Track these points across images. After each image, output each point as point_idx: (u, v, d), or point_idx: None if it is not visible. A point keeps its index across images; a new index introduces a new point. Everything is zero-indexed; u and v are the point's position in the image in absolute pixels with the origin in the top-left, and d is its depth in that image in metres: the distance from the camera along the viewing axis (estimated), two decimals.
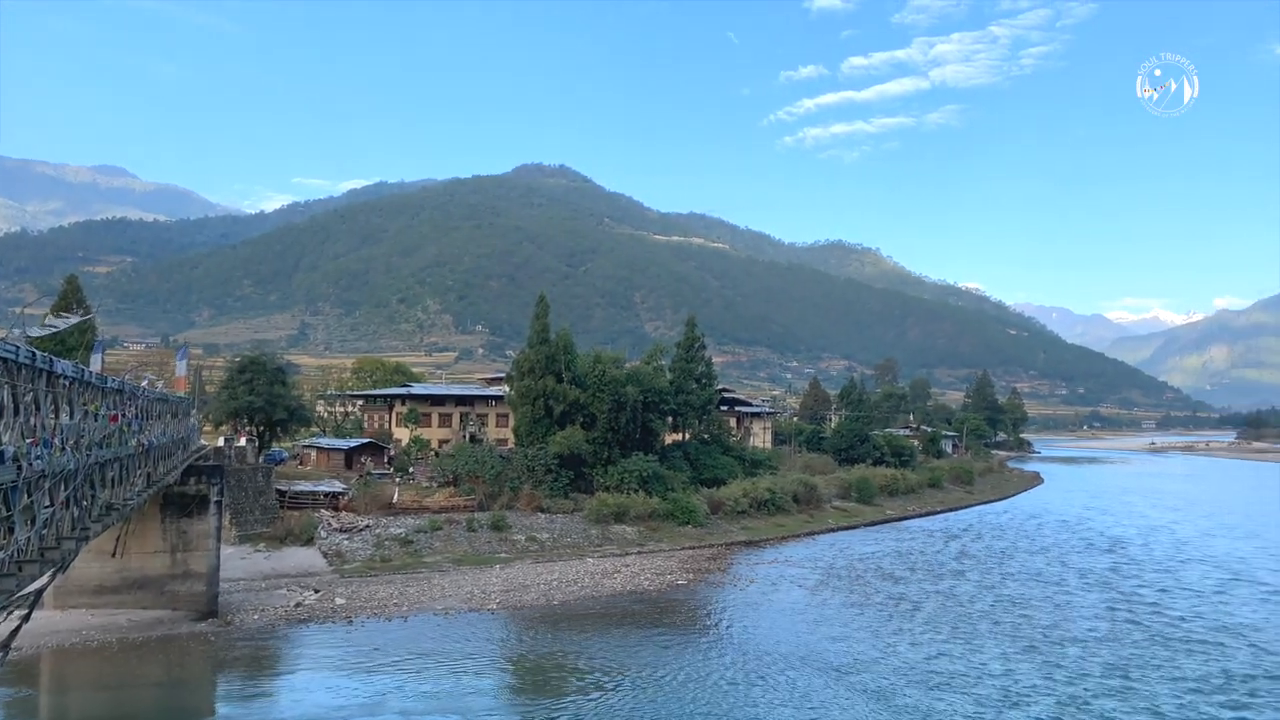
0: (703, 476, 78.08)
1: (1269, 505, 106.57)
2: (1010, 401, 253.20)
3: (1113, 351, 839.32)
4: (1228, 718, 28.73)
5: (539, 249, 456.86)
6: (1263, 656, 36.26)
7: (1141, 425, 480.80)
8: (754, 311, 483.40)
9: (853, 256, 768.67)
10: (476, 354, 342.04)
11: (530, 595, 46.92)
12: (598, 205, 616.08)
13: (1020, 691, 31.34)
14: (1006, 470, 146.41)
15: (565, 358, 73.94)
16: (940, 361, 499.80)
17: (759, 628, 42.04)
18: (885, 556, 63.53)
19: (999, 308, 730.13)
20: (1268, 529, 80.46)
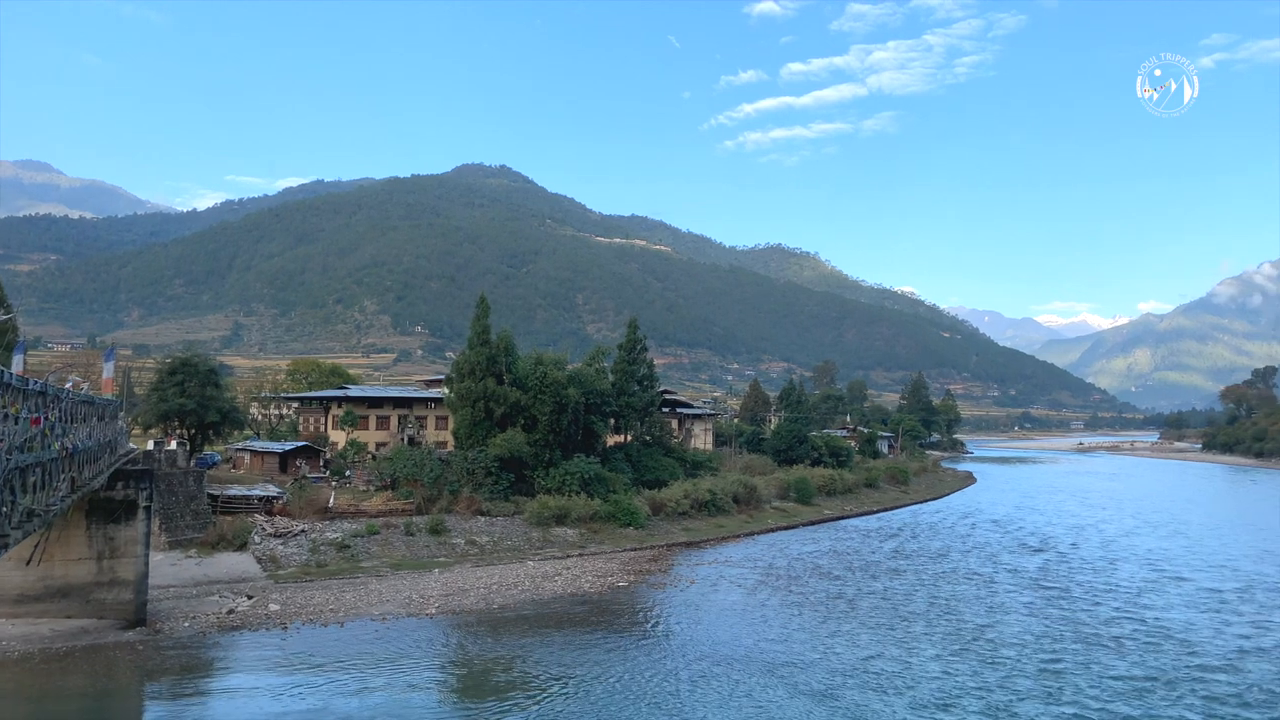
0: (644, 478, 78.25)
1: (1189, 503, 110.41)
2: (944, 403, 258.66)
3: (1042, 354, 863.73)
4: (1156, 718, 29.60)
5: (479, 250, 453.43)
6: (1188, 658, 37.44)
7: (1070, 426, 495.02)
8: (696, 314, 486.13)
9: (792, 260, 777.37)
10: (415, 355, 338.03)
11: (470, 599, 46.54)
12: (539, 206, 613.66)
13: (955, 692, 31.93)
14: (941, 470, 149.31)
15: (506, 359, 73.49)
16: (877, 363, 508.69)
17: (699, 628, 42.27)
18: (823, 556, 64.36)
19: (933, 311, 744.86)
20: (1189, 527, 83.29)
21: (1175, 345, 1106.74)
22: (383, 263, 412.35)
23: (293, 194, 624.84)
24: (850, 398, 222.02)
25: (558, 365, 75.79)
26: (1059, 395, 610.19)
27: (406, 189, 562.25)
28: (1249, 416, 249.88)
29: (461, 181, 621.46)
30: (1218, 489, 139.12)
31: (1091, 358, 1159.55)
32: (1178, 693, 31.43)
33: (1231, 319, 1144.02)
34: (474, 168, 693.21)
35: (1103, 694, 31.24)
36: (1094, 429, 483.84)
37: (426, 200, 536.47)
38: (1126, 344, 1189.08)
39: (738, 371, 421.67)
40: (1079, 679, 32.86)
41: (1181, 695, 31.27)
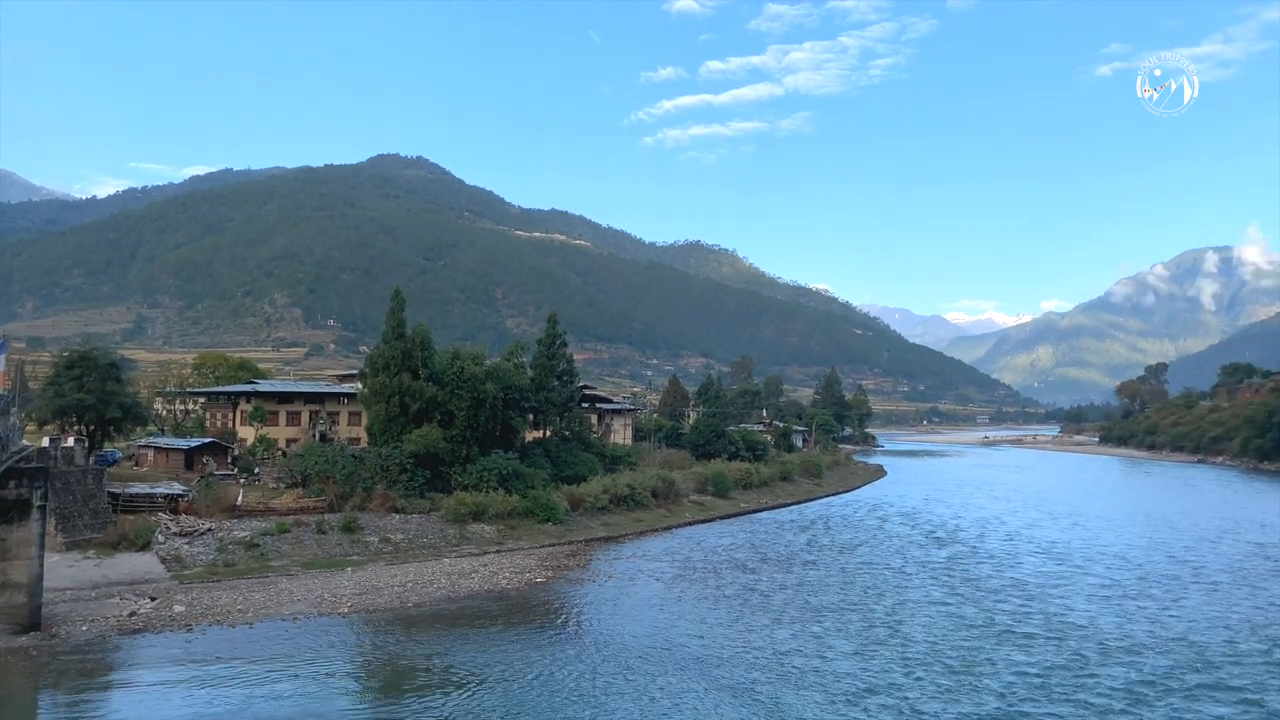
0: (563, 474, 78.11)
1: (1088, 495, 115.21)
2: (857, 398, 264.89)
3: (950, 350, 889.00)
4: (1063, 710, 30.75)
5: (395, 242, 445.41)
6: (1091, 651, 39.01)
7: (976, 420, 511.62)
8: (615, 309, 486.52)
9: (711, 257, 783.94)
10: (328, 350, 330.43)
11: (384, 598, 45.84)
12: (457, 199, 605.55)
13: (867, 688, 32.56)
14: (853, 464, 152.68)
15: (422, 354, 72.45)
16: (793, 359, 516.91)
17: (618, 623, 42.46)
18: (739, 549, 65.25)
19: (847, 308, 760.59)
20: (1088, 519, 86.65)
21: (1075, 343, 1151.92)
22: (294, 254, 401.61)
23: (200, 182, 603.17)
24: (767, 393, 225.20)
25: (475, 360, 74.98)
26: (966, 390, 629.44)
27: (319, 179, 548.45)
28: (1142, 411, 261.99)
29: (377, 172, 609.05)
30: (1114, 481, 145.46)
31: (997, 354, 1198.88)
32: (1081, 686, 32.66)
33: (1127, 317, 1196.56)
34: (390, 158, 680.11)
35: (1009, 689, 32.20)
36: (999, 423, 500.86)
37: (340, 191, 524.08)
38: (1030, 341, 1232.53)
39: (657, 367, 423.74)
40: (987, 673, 33.80)
41: (1084, 689, 32.51)
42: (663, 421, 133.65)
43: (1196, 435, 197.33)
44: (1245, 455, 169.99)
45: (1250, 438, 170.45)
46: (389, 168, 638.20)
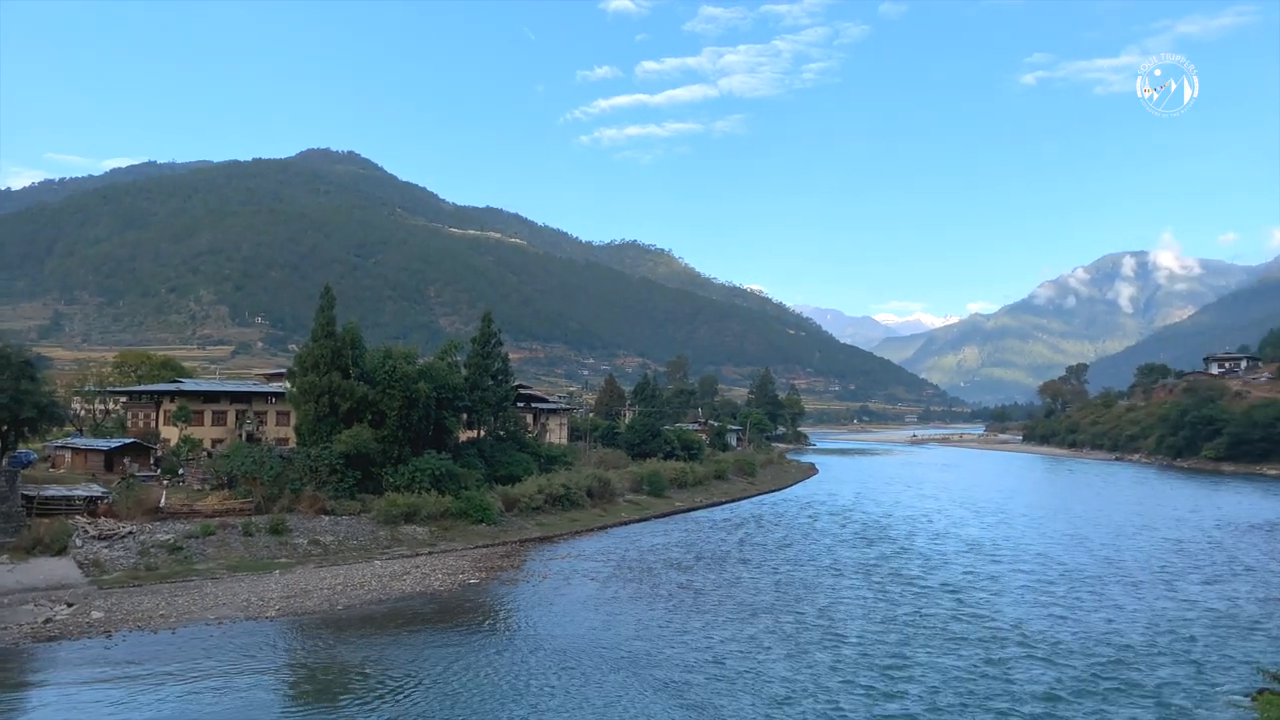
0: (498, 474, 77.55)
1: (1012, 493, 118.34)
2: (790, 397, 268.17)
3: (880, 351, 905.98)
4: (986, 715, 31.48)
5: (325, 238, 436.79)
6: (1019, 652, 40.00)
7: (905, 419, 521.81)
8: (551, 308, 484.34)
9: (647, 257, 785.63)
10: (255, 348, 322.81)
11: (313, 601, 45.01)
12: (390, 195, 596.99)
13: (797, 690, 32.79)
14: (786, 462, 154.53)
15: (353, 352, 71.27)
16: (727, 359, 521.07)
17: (552, 623, 42.35)
18: (674, 547, 65.58)
19: (780, 309, 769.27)
20: (1013, 516, 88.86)
21: (1000, 343, 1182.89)
22: (220, 250, 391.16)
23: (121, 175, 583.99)
24: (702, 392, 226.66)
25: (408, 359, 74.03)
26: (895, 390, 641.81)
27: (247, 173, 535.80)
28: (1063, 410, 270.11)
29: (307, 167, 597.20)
30: (1037, 479, 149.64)
31: (925, 355, 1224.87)
32: (1003, 690, 33.28)
33: (1050, 319, 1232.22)
34: (320, 153, 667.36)
35: (933, 692, 32.61)
36: (926, 421, 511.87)
37: (269, 185, 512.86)
38: (956, 342, 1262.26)
39: (593, 366, 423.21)
40: (915, 676, 34.19)
41: (1006, 693, 33.17)
42: (599, 421, 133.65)
43: (1115, 433, 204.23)
44: (1159, 452, 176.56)
45: (1164, 436, 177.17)
46: (319, 162, 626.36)
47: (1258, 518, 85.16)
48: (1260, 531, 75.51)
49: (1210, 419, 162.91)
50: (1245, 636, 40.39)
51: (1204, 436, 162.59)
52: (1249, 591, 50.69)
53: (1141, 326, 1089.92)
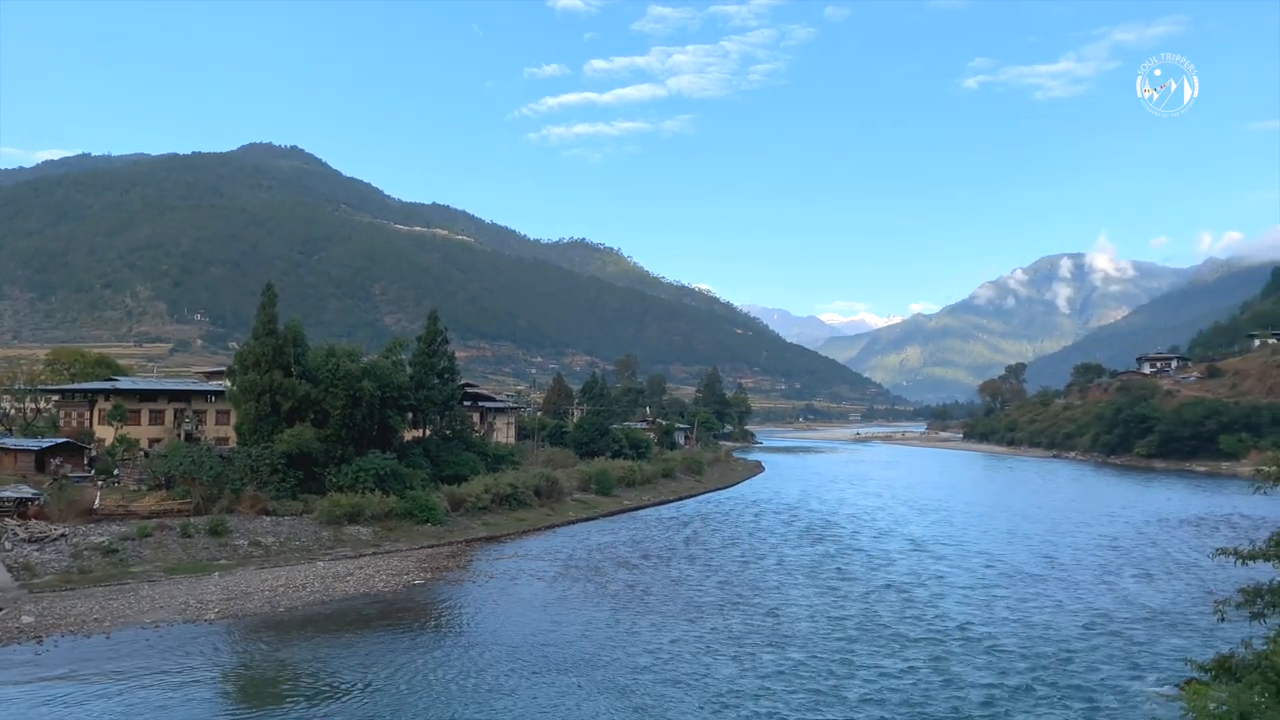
0: (444, 473, 76.90)
1: (953, 490, 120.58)
2: (737, 396, 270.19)
3: (825, 350, 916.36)
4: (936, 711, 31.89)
5: (268, 234, 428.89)
6: (962, 652, 40.63)
7: (849, 417, 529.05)
8: (499, 306, 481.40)
9: (596, 255, 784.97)
10: (195, 346, 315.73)
11: (254, 603, 44.22)
12: (334, 190, 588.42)
13: (743, 691, 32.86)
14: (733, 460, 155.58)
15: (295, 350, 70.10)
16: (676, 358, 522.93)
17: (499, 623, 42.15)
18: (622, 546, 65.68)
19: (728, 308, 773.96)
20: (954, 514, 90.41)
21: (941, 343, 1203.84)
22: (159, 245, 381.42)
23: (54, 167, 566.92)
24: (650, 391, 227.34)
25: (352, 357, 73.03)
26: (839, 389, 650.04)
27: (186, 166, 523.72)
28: (1003, 408, 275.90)
29: (248, 161, 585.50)
30: (977, 476, 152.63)
31: (868, 354, 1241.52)
32: (951, 688, 33.72)
33: (990, 319, 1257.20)
34: (262, 147, 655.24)
35: (878, 694, 32.89)
36: (870, 420, 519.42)
37: (209, 180, 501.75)
38: (899, 341, 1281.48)
39: (541, 365, 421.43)
40: (858, 678, 34.33)
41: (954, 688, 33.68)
42: (546, 420, 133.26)
43: (1052, 431, 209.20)
44: (1095, 450, 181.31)
45: (1099, 433, 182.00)
46: (261, 157, 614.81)
47: (1187, 513, 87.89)
48: (1189, 526, 77.94)
49: (1143, 417, 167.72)
50: (1176, 629, 41.66)
51: (1137, 434, 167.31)
52: (1180, 586, 52.29)
53: (1078, 327, 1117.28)
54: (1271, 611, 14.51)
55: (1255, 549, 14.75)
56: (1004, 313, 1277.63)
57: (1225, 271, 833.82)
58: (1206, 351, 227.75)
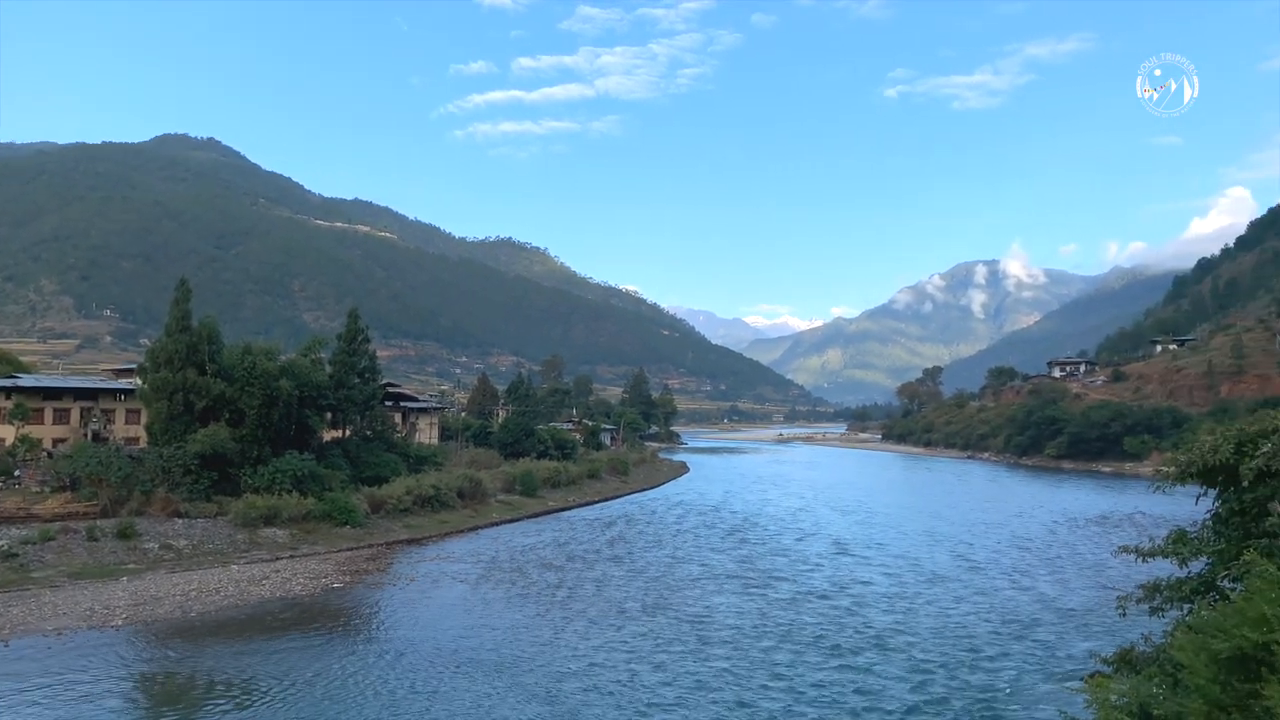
0: (364, 475, 75.57)
1: (872, 491, 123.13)
2: (663, 397, 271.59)
3: (750, 352, 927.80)
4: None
5: (182, 228, 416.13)
6: (883, 658, 41.29)
7: (772, 418, 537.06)
8: (423, 305, 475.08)
9: (523, 255, 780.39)
10: (103, 342, 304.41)
11: (164, 608, 42.80)
12: (252, 184, 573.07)
13: (664, 700, 32.85)
14: (658, 461, 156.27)
15: (210, 348, 68.11)
16: (602, 359, 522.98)
17: (420, 627, 41.56)
18: (546, 547, 65.41)
19: (655, 310, 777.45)
20: (874, 515, 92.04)
21: (861, 346, 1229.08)
22: (66, 237, 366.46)
23: None
24: (577, 392, 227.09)
25: (269, 355, 71.22)
26: (763, 390, 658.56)
27: (96, 157, 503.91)
28: (920, 410, 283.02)
29: (162, 153, 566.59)
30: (895, 476, 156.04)
31: (791, 356, 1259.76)
32: (869, 693, 34.14)
33: (908, 323, 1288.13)
34: (177, 138, 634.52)
35: (800, 698, 33.33)
36: (792, 421, 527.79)
37: (120, 171, 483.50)
38: (821, 344, 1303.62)
39: (466, 365, 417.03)
40: (777, 688, 34.36)
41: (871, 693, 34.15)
42: (471, 420, 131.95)
43: (967, 433, 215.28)
44: (1007, 451, 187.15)
45: (1011, 435, 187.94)
46: (176, 148, 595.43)
47: (1093, 512, 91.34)
48: (1095, 525, 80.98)
49: (1052, 419, 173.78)
50: (1083, 625, 43.21)
51: (1047, 436, 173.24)
52: (1087, 583, 54.27)
53: (992, 331, 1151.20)
54: (1169, 606, 15.16)
55: (1155, 546, 15.39)
56: (921, 317, 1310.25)
57: (1130, 279, 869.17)
58: (1112, 356, 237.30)
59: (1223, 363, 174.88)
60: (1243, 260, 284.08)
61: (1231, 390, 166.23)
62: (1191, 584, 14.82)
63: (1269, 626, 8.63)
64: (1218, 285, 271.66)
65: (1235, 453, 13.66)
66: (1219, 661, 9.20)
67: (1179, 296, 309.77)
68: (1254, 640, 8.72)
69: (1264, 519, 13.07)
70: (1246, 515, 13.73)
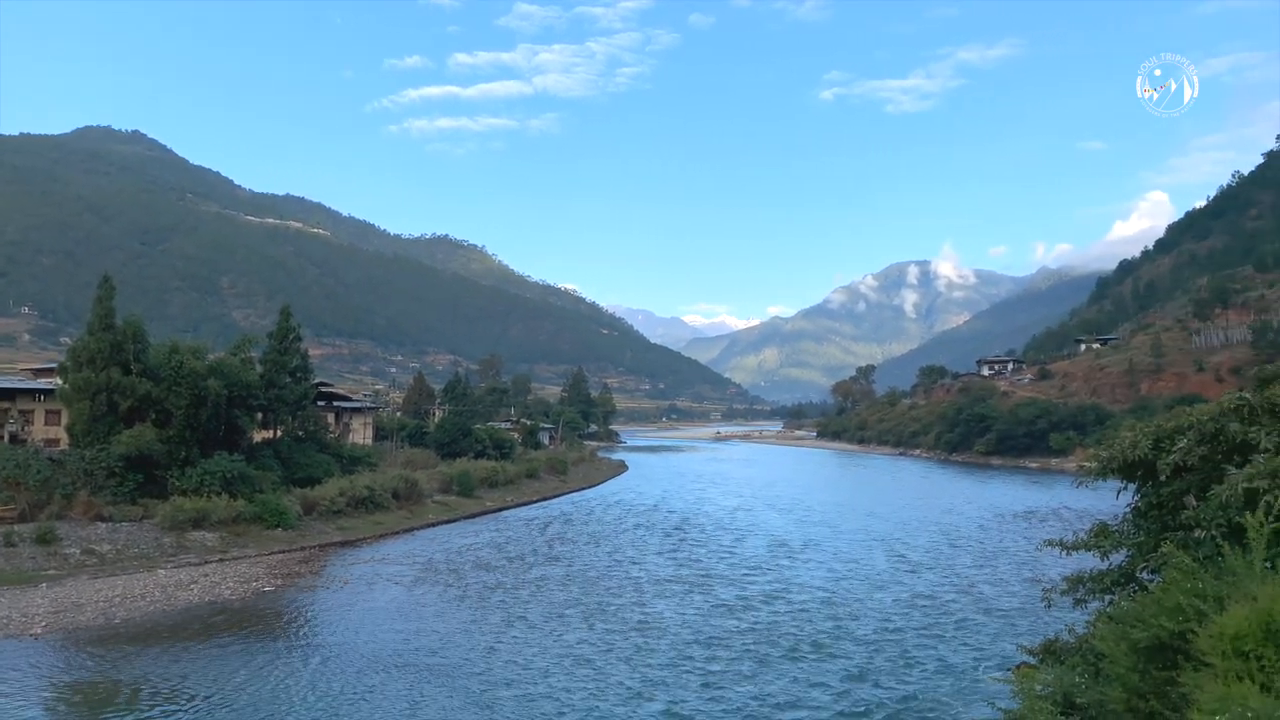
0: (296, 476, 74.08)
1: (809, 489, 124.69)
2: (602, 396, 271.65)
3: (688, 351, 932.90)
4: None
5: (105, 222, 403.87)
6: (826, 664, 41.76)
7: (710, 416, 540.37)
8: (357, 303, 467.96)
9: (460, 252, 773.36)
10: (21, 340, 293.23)
11: (86, 615, 41.44)
12: (179, 178, 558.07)
13: (605, 708, 32.79)
14: (597, 460, 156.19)
15: (135, 347, 66.09)
16: (541, 357, 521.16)
17: (353, 630, 40.88)
18: (483, 548, 64.91)
19: (594, 308, 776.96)
20: (812, 513, 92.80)
21: (797, 345, 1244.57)
22: None
23: None
24: (515, 391, 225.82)
25: (197, 354, 69.36)
26: (701, 389, 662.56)
27: (13, 149, 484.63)
28: (853, 408, 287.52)
29: (84, 145, 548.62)
30: (831, 474, 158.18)
31: (729, 355, 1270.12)
32: (800, 696, 34.54)
33: (842, 323, 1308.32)
34: (100, 131, 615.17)
35: (734, 704, 33.53)
36: (730, 419, 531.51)
37: (39, 164, 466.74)
38: (758, 343, 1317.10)
39: (402, 364, 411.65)
40: (716, 694, 34.29)
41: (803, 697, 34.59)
42: (406, 420, 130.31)
43: (899, 430, 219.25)
44: (938, 448, 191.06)
45: (942, 432, 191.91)
46: (99, 141, 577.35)
47: (1020, 507, 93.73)
48: (1022, 520, 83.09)
49: (981, 417, 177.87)
50: (1011, 618, 44.25)
51: (976, 433, 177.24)
52: (1014, 577, 55.62)
53: (924, 331, 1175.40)
54: (1092, 598, 15.64)
55: (1078, 540, 15.86)
56: (855, 316, 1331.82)
57: (1057, 280, 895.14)
58: (1039, 355, 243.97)
59: (1143, 361, 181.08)
60: (1161, 262, 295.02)
61: (1151, 388, 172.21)
62: (1112, 576, 15.29)
63: (1184, 615, 8.96)
64: (1138, 286, 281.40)
65: (1153, 449, 14.13)
66: (1138, 650, 9.52)
67: (1102, 297, 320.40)
68: (1170, 629, 9.04)
69: (1180, 512, 13.55)
70: (1164, 509, 14.23)
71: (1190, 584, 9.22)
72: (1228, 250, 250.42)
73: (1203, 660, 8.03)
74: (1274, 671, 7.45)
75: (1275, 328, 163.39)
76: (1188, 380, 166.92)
